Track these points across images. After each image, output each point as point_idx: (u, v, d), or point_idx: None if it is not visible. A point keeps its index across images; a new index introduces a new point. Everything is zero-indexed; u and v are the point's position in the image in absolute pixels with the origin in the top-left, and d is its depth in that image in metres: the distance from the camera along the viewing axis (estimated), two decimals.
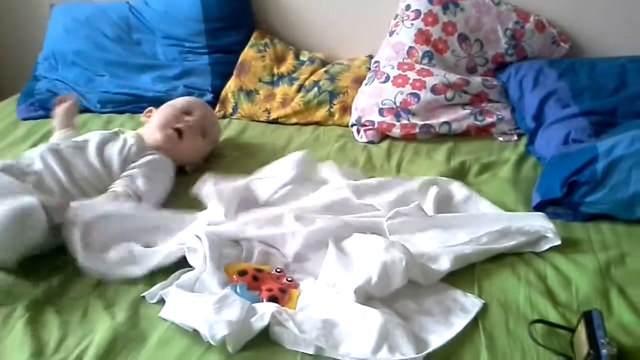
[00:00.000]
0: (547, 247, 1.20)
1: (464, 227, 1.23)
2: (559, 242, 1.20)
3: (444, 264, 1.13)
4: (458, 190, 1.40)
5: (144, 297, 1.10)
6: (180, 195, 1.40)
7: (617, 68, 1.69)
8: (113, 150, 1.40)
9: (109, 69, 1.99)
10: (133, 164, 1.39)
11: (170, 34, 2.00)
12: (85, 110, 1.89)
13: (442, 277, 1.12)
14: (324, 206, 1.31)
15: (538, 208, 1.32)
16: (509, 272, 1.15)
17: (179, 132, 1.50)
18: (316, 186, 1.40)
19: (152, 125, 1.53)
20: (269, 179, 1.41)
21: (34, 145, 1.66)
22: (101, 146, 1.40)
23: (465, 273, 1.14)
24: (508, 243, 1.19)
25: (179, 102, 1.62)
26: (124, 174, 1.37)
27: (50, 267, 1.19)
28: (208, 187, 1.29)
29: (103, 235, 1.19)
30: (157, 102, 1.87)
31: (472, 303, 1.06)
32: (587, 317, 0.95)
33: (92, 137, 1.44)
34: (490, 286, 1.11)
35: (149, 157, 1.42)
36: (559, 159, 1.40)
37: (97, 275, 1.14)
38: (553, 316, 1.03)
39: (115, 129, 1.53)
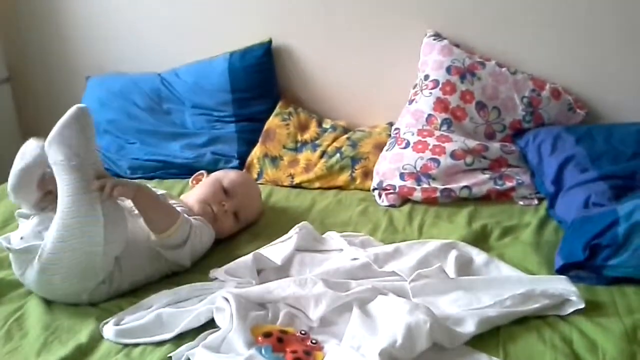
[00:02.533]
0: (571, 310, 1.19)
1: (488, 290, 1.24)
2: (583, 306, 1.19)
3: (469, 327, 1.13)
4: (477, 254, 1.41)
5: (170, 357, 1.11)
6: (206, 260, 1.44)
7: (635, 134, 1.72)
8: None
9: (140, 137, 2.08)
10: None
11: (199, 104, 2.09)
12: (116, 175, 1.96)
13: (467, 340, 1.12)
14: (346, 272, 1.33)
15: (561, 271, 1.33)
16: (534, 335, 1.14)
17: (214, 212, 1.52)
18: (330, 255, 1.43)
19: (194, 195, 1.56)
20: (276, 245, 1.44)
21: None
22: None
23: (490, 336, 1.14)
24: (532, 306, 1.19)
25: (228, 178, 1.61)
26: None
27: (78, 325, 1.22)
28: (222, 273, 1.33)
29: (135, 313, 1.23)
30: (185, 168, 1.96)
31: None
32: None
33: None
34: (516, 350, 1.11)
35: (199, 220, 1.45)
36: (580, 223, 1.41)
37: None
38: None
39: (162, 192, 1.54)
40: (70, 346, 1.15)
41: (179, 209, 1.46)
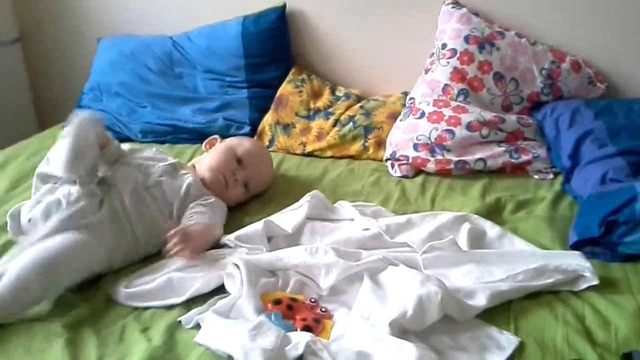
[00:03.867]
0: (584, 286, 1.18)
1: (500, 264, 1.22)
2: (596, 282, 1.18)
3: (480, 300, 1.12)
4: (491, 227, 1.39)
5: (180, 321, 1.11)
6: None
7: None
8: (173, 188, 1.41)
9: (151, 100, 2.06)
10: (197, 202, 1.41)
11: (211, 69, 2.07)
12: (126, 139, 1.95)
13: (478, 313, 1.11)
14: (357, 241, 1.32)
15: (575, 247, 1.31)
16: (545, 310, 1.13)
17: (226, 181, 1.51)
18: (341, 224, 1.42)
19: (207, 162, 1.54)
20: (287, 212, 1.43)
21: None
22: (160, 180, 1.41)
23: (501, 310, 1.13)
24: (545, 281, 1.17)
25: (241, 147, 1.59)
26: (194, 210, 1.38)
27: (88, 289, 1.22)
28: (232, 239, 1.32)
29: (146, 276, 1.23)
30: (197, 133, 1.94)
31: (508, 340, 1.05)
32: (628, 358, 0.93)
33: (154, 170, 1.43)
34: (527, 324, 1.10)
35: (212, 200, 1.44)
36: (596, 198, 1.39)
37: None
38: (591, 357, 1.01)
39: (173, 161, 1.50)
40: (81, 308, 1.16)
41: (189, 179, 1.44)
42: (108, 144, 1.39)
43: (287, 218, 1.41)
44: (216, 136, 1.67)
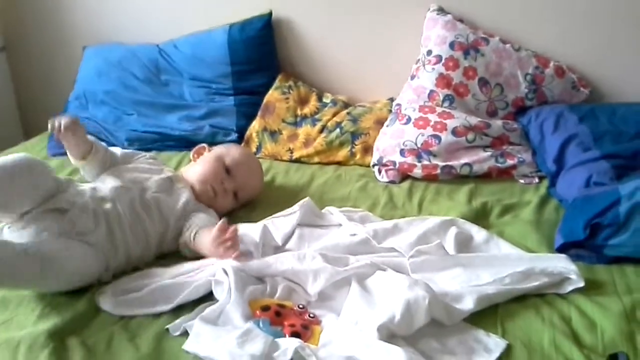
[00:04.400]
0: (570, 288, 1.19)
1: (487, 267, 1.23)
2: (582, 284, 1.19)
3: (468, 304, 1.12)
4: (477, 231, 1.40)
5: (167, 329, 1.11)
6: None
7: (638, 114, 1.71)
8: (170, 205, 1.39)
9: (138, 108, 2.05)
10: (196, 214, 1.41)
11: (198, 76, 2.07)
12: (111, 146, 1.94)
13: (465, 316, 1.12)
14: (345, 247, 1.32)
15: (561, 250, 1.32)
16: (532, 313, 1.14)
17: (215, 191, 1.50)
18: (329, 230, 1.42)
19: (195, 173, 1.52)
20: (279, 218, 1.42)
21: None
22: (157, 196, 1.39)
23: (488, 313, 1.14)
24: (531, 284, 1.18)
25: (229, 156, 1.57)
26: (199, 216, 1.39)
27: (75, 295, 1.21)
28: None
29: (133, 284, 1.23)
30: (184, 140, 1.94)
31: (495, 343, 1.06)
32: (614, 359, 0.94)
33: (151, 184, 1.42)
34: (514, 327, 1.11)
35: (212, 213, 1.44)
36: (581, 202, 1.40)
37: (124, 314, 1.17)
38: (578, 359, 1.02)
39: (169, 174, 1.48)
40: (67, 317, 1.15)
41: (185, 195, 1.42)
42: (92, 152, 1.37)
43: (278, 224, 1.40)
44: (204, 145, 1.65)
